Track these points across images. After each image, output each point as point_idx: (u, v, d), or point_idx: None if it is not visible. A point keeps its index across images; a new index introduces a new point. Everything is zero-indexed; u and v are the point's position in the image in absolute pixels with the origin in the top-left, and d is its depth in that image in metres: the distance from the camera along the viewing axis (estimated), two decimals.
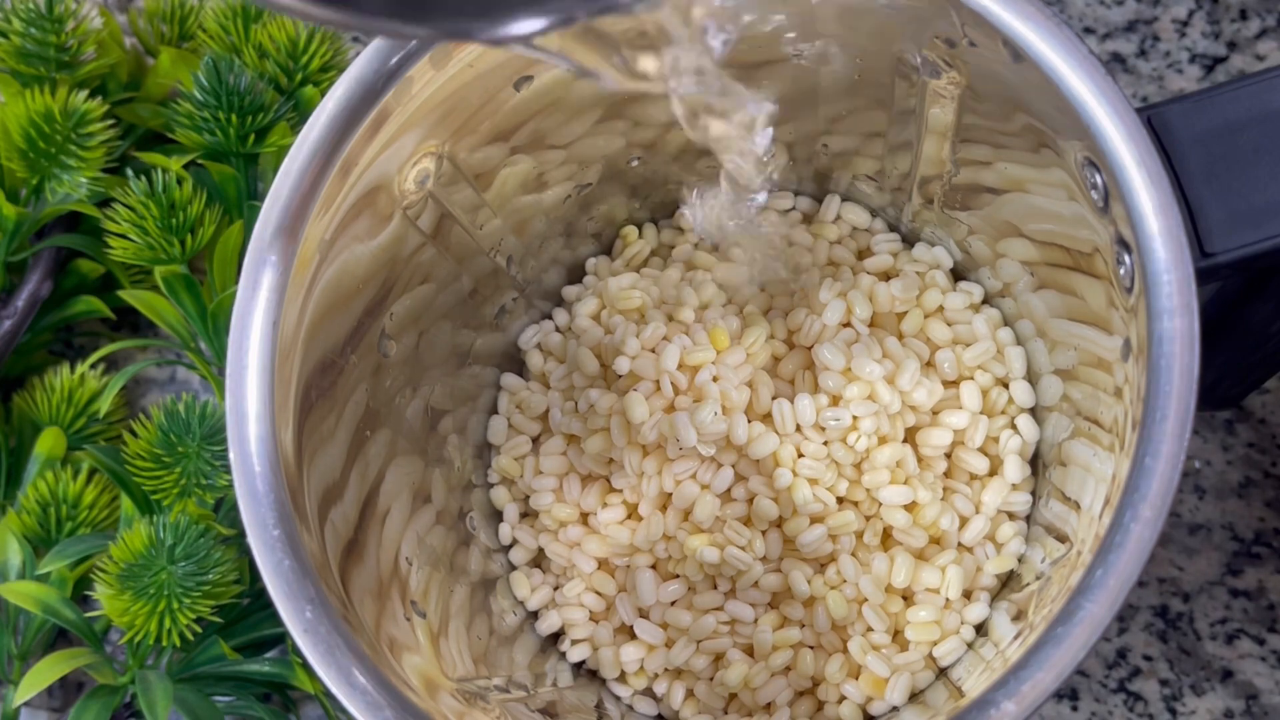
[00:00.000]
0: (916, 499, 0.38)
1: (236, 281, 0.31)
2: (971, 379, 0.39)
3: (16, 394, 0.46)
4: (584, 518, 0.40)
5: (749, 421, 0.39)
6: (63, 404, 0.44)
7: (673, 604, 0.39)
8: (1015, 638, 0.34)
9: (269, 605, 0.32)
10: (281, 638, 0.43)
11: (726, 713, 0.39)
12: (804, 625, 0.38)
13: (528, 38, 0.23)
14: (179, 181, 0.42)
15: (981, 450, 0.39)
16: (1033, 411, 0.39)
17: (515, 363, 0.42)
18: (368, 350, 0.35)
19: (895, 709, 0.38)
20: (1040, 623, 0.29)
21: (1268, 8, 0.46)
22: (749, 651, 0.39)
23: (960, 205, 0.38)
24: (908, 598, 0.38)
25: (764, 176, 0.31)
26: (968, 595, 0.38)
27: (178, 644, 0.40)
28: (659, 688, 0.39)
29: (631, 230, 0.42)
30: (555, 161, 0.38)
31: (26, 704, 0.43)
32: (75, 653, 0.41)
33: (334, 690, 0.29)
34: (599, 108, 0.37)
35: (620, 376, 0.39)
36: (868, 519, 0.38)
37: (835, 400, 0.39)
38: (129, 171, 0.43)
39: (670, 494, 0.39)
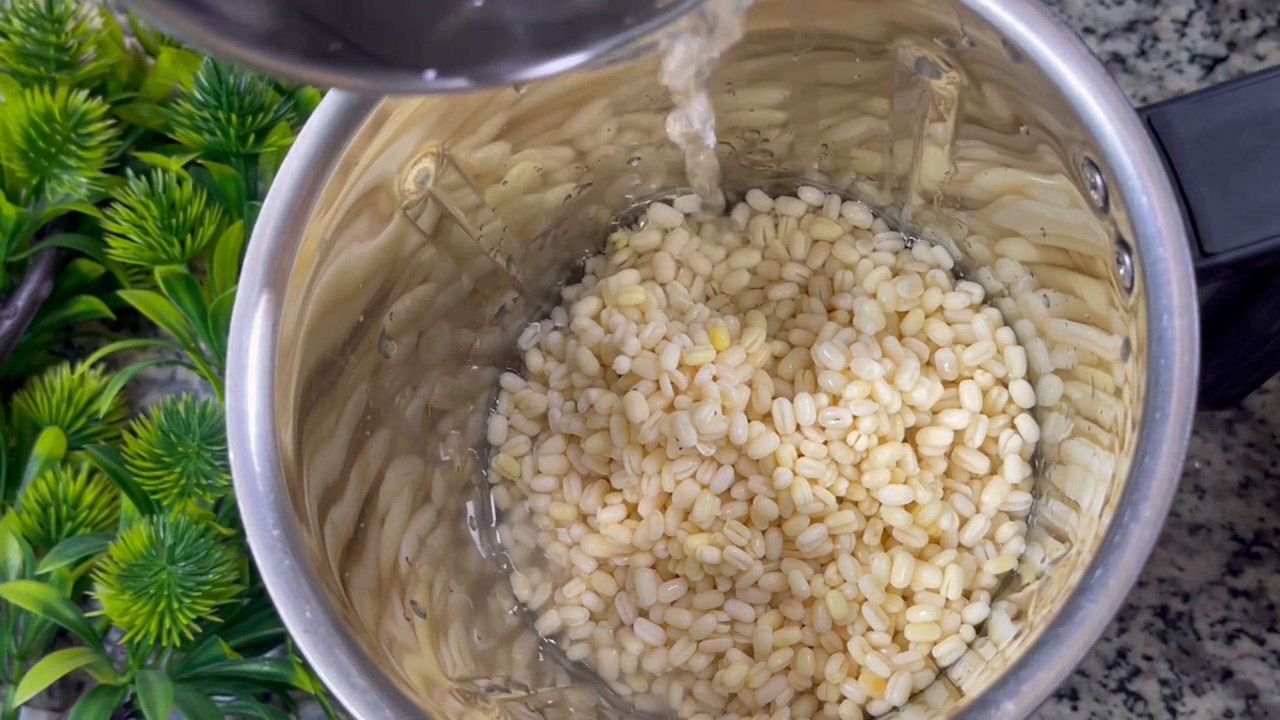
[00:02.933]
0: (916, 499, 0.38)
1: (236, 281, 0.31)
2: (971, 379, 0.39)
3: (16, 394, 0.46)
4: (584, 518, 0.40)
5: (749, 421, 0.39)
6: (63, 404, 0.44)
7: (673, 604, 0.39)
8: (1015, 638, 0.34)
9: (269, 605, 0.32)
10: (281, 638, 0.43)
11: (726, 713, 0.39)
12: (804, 625, 0.38)
13: (556, 74, 0.23)
14: (179, 181, 0.42)
15: (981, 450, 0.39)
16: (1033, 411, 0.39)
17: (515, 363, 0.42)
18: (368, 350, 0.35)
19: (895, 709, 0.38)
20: (1040, 623, 0.29)
21: (1268, 8, 0.46)
22: (749, 651, 0.39)
23: (960, 205, 0.38)
24: (908, 598, 0.38)
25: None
26: (968, 595, 0.38)
27: (178, 644, 0.40)
28: (659, 688, 0.39)
29: (620, 237, 0.42)
30: (556, 161, 0.38)
31: (26, 704, 0.43)
32: (75, 653, 0.41)
33: (334, 690, 0.29)
34: (599, 107, 0.37)
35: (620, 376, 0.39)
36: (868, 519, 0.38)
37: (835, 400, 0.39)
38: (129, 171, 0.43)
39: (670, 494, 0.39)
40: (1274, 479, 0.44)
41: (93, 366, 0.45)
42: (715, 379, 0.39)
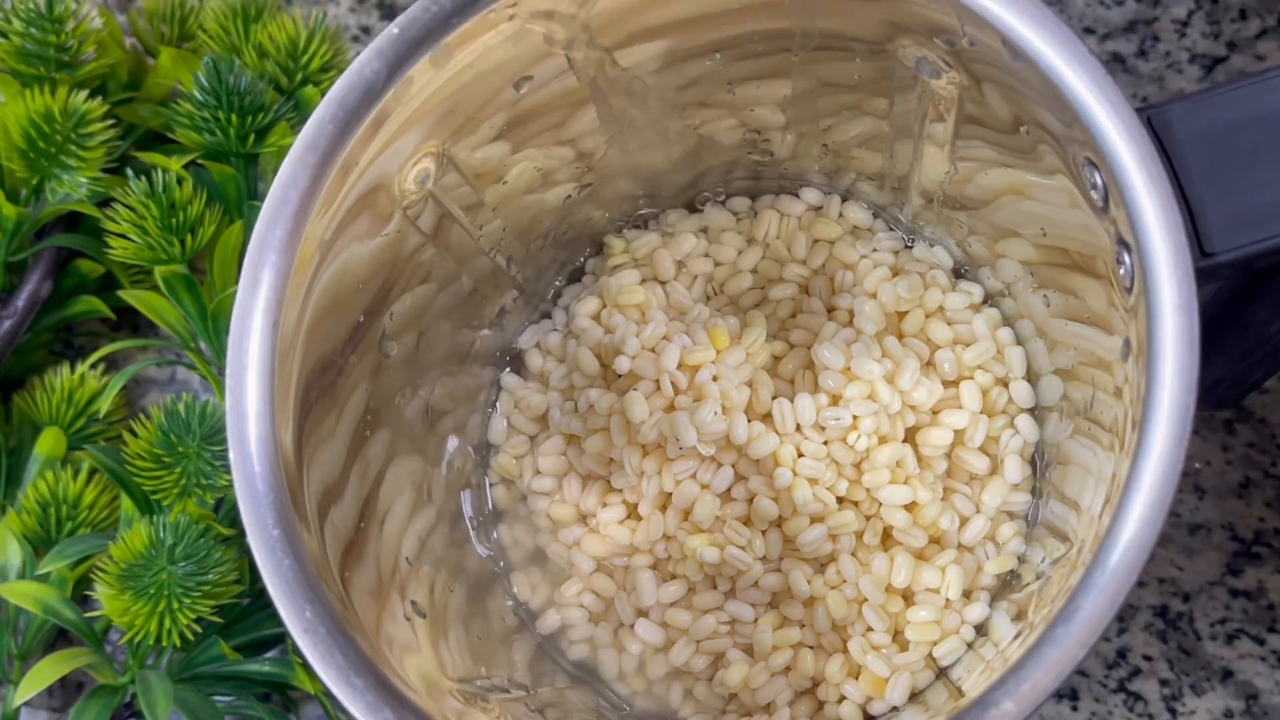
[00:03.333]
0: (916, 499, 0.38)
1: (236, 281, 0.31)
2: (971, 379, 0.39)
3: (16, 394, 0.46)
4: (583, 518, 0.40)
5: (749, 421, 0.39)
6: (63, 404, 0.44)
7: (672, 604, 0.39)
8: (1015, 638, 0.34)
9: (269, 605, 0.32)
10: (281, 638, 0.43)
11: (726, 713, 0.39)
12: (804, 625, 0.38)
13: None
14: (179, 181, 0.42)
15: (982, 450, 0.39)
16: (1033, 411, 0.39)
17: (515, 363, 0.42)
18: (368, 350, 0.35)
19: (895, 709, 0.38)
20: (1040, 623, 0.29)
21: (1268, 8, 0.46)
22: (749, 652, 0.39)
23: (960, 205, 0.38)
24: (908, 598, 0.38)
25: None
26: (968, 595, 0.38)
27: (178, 644, 0.40)
28: (659, 688, 0.39)
29: (617, 242, 0.42)
30: (556, 161, 0.38)
31: (26, 704, 0.43)
32: (75, 653, 0.41)
33: (334, 690, 0.29)
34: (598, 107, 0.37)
35: (620, 376, 0.39)
36: (868, 519, 0.38)
37: (835, 400, 0.39)
38: (129, 171, 0.43)
39: (670, 494, 0.39)
40: (1274, 479, 0.44)
41: (93, 366, 0.45)
42: (715, 379, 0.39)
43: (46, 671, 0.40)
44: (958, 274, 0.41)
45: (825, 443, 0.38)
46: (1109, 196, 0.29)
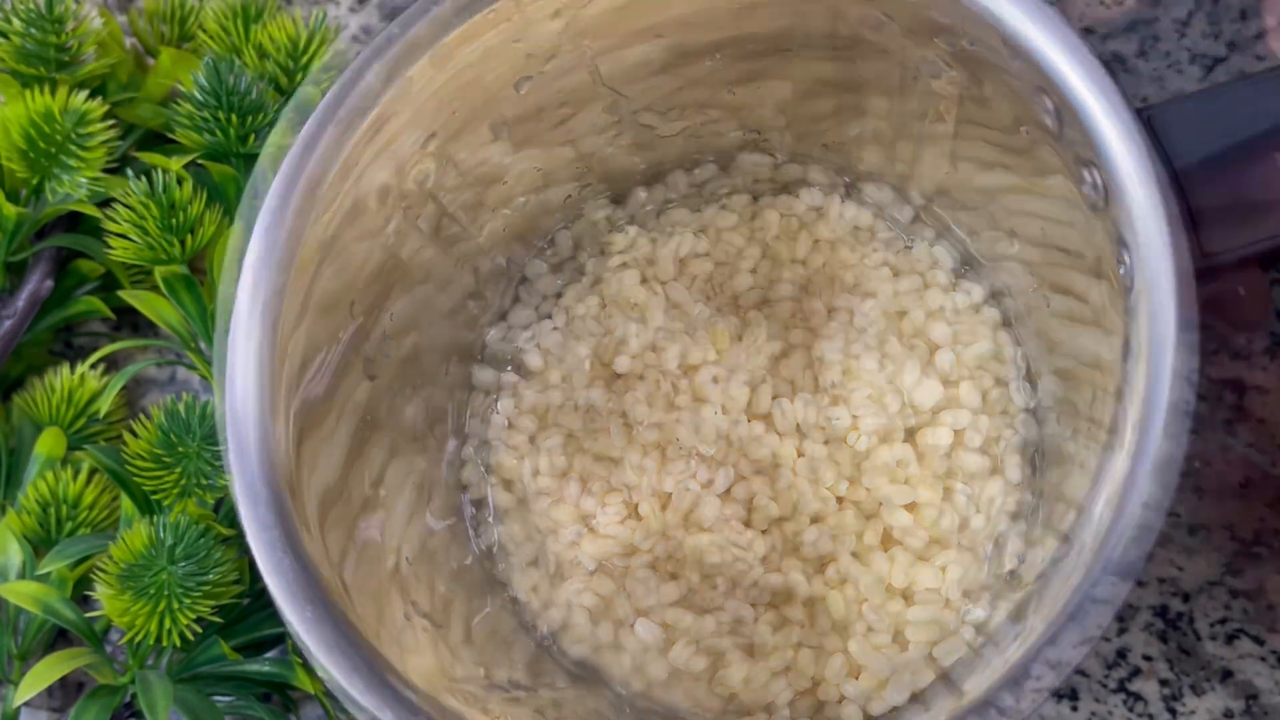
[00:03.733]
0: (916, 499, 0.38)
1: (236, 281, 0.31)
2: (971, 379, 0.39)
3: (16, 394, 0.46)
4: (584, 518, 0.40)
5: (749, 421, 0.39)
6: (63, 404, 0.44)
7: (672, 604, 0.39)
8: (1015, 638, 0.34)
9: (269, 605, 0.32)
10: (281, 638, 0.43)
11: (726, 713, 0.39)
12: (804, 625, 0.38)
13: None
14: (179, 181, 0.42)
15: (981, 450, 0.39)
16: (1033, 411, 0.39)
17: (515, 363, 0.42)
18: (368, 350, 0.35)
19: (895, 709, 0.38)
20: (1040, 623, 0.29)
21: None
22: (749, 652, 0.39)
23: (960, 205, 0.38)
24: (908, 598, 0.38)
25: None
26: (968, 595, 0.38)
27: (178, 644, 0.40)
28: (658, 688, 0.39)
29: (617, 242, 0.42)
30: (556, 161, 0.38)
31: (26, 704, 0.43)
32: (75, 653, 0.41)
33: (334, 690, 0.29)
34: (600, 107, 0.37)
35: (620, 376, 0.39)
36: (868, 519, 0.38)
37: (835, 400, 0.39)
38: (129, 171, 0.43)
39: (670, 494, 0.39)
40: (1274, 479, 0.44)
41: (93, 366, 0.45)
42: (715, 379, 0.39)
43: (46, 671, 0.39)
44: (958, 274, 0.41)
45: (825, 443, 0.38)
46: (1108, 196, 0.29)
